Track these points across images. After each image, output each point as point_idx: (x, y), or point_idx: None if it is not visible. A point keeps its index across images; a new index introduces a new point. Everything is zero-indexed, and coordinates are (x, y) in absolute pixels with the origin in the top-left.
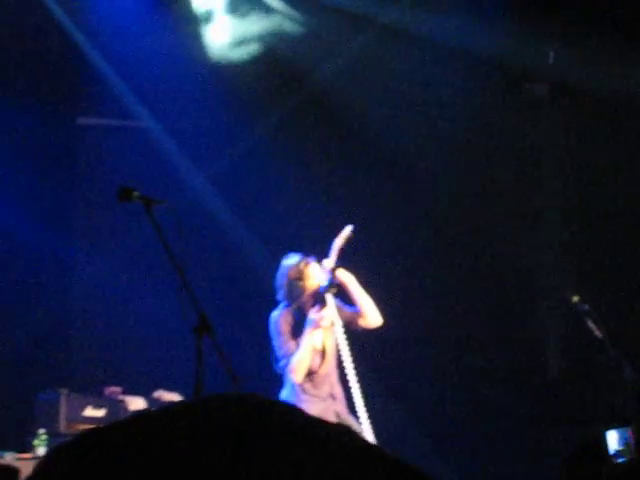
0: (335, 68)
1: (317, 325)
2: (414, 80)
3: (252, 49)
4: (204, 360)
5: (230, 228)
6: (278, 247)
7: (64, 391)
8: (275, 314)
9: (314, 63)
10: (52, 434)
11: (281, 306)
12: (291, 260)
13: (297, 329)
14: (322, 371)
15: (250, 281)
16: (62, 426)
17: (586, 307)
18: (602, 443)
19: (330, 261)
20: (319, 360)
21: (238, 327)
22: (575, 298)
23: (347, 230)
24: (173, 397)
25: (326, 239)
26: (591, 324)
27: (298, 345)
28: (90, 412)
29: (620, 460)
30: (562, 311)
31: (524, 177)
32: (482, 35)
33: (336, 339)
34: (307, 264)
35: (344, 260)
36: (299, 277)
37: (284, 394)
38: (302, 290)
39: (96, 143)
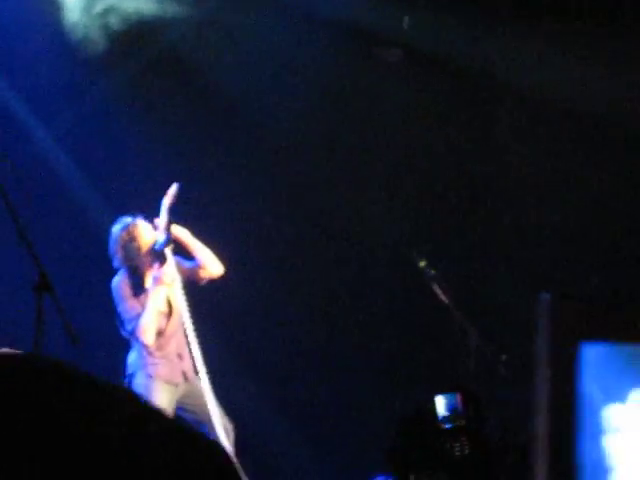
0: (187, 28)
1: (160, 281)
2: (266, 44)
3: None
4: (45, 320)
5: (75, 187)
6: (124, 208)
7: None
8: (116, 280)
9: (165, 22)
10: None
11: (120, 272)
12: (119, 224)
13: (139, 292)
14: (168, 330)
15: (94, 241)
16: None
17: (432, 272)
18: (431, 408)
19: (162, 219)
20: (164, 319)
21: (81, 288)
22: (422, 263)
23: (173, 188)
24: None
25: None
26: (437, 289)
27: (143, 306)
28: None
29: (447, 426)
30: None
31: (376, 143)
32: None
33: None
34: (135, 225)
35: (177, 217)
36: (131, 239)
37: (131, 358)
38: (137, 251)
39: None
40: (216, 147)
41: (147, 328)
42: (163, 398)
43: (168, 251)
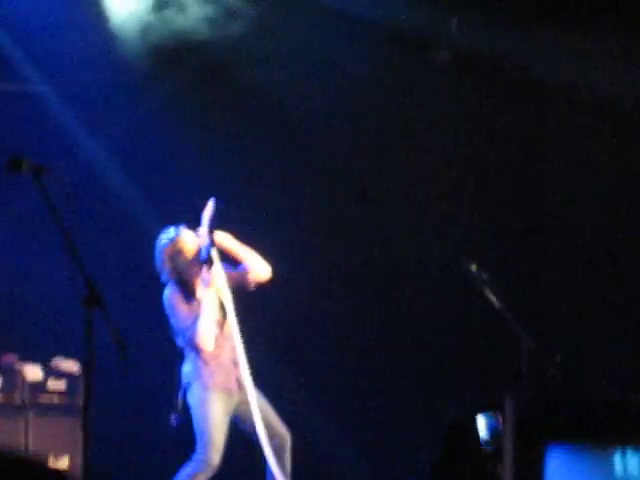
0: (234, 36)
1: (209, 284)
2: (314, 50)
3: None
4: (100, 329)
5: (125, 198)
6: (173, 217)
7: None
8: (166, 292)
9: (212, 31)
10: None
11: (169, 285)
12: (163, 237)
13: (191, 302)
14: (223, 337)
15: (146, 252)
16: None
17: (485, 276)
18: (472, 428)
19: (203, 228)
20: (219, 326)
21: (133, 300)
22: (473, 267)
23: (210, 204)
24: (70, 365)
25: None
26: (489, 293)
27: (197, 315)
28: None
29: (489, 448)
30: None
31: (425, 146)
32: (383, 2)
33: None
34: (179, 236)
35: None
36: (177, 250)
37: (186, 368)
38: (184, 261)
39: None
40: (262, 154)
41: (205, 334)
42: (219, 408)
43: (214, 256)
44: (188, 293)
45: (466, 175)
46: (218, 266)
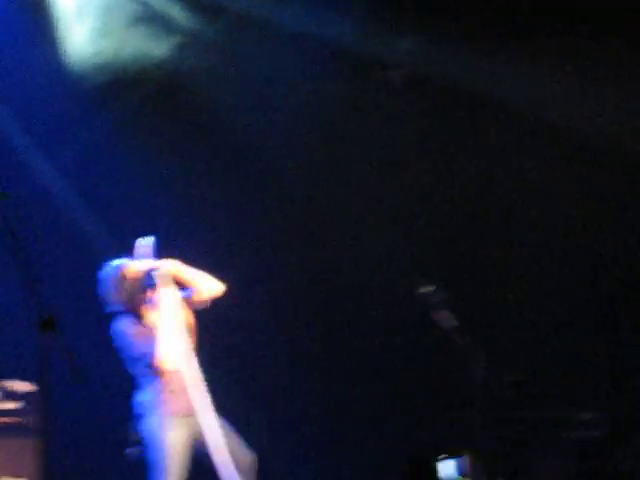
0: (186, 57)
1: (156, 306)
2: (266, 70)
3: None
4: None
5: (79, 221)
6: (129, 240)
7: None
8: (118, 324)
9: (165, 53)
10: None
11: (119, 317)
12: (108, 268)
13: (142, 328)
14: (180, 357)
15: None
16: None
17: (440, 297)
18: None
19: (146, 260)
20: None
21: (89, 325)
22: (429, 288)
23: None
24: (25, 386)
25: (178, 230)
26: (443, 314)
27: (151, 339)
28: None
29: None
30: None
31: (378, 166)
32: (334, 22)
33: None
34: (124, 265)
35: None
36: (122, 278)
37: (141, 398)
38: (131, 288)
39: None
40: (212, 171)
41: (165, 354)
42: (178, 436)
43: (161, 277)
44: (139, 320)
45: (421, 193)
46: (167, 288)
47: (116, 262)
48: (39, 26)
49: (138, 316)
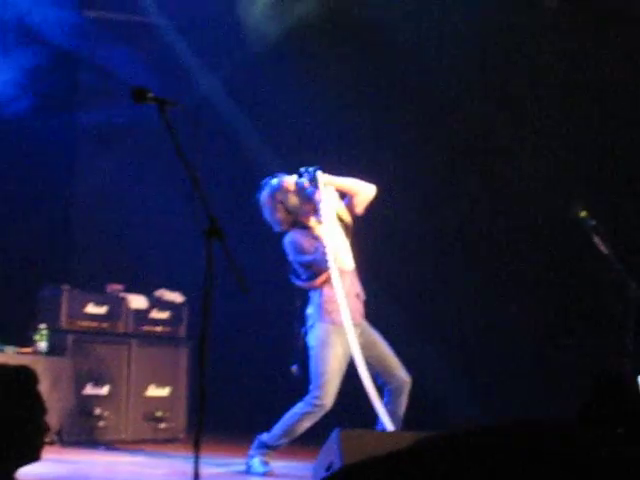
0: None
1: (321, 221)
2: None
3: None
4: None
5: (243, 133)
6: (290, 154)
7: (66, 287)
8: (287, 237)
9: None
10: (53, 329)
11: (287, 233)
12: (266, 189)
13: (311, 241)
14: (347, 267)
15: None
16: (63, 322)
17: (593, 222)
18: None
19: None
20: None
21: (247, 233)
22: (583, 213)
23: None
24: (174, 297)
25: (339, 148)
26: (597, 240)
27: (323, 246)
28: (91, 309)
29: None
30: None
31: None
32: None
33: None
34: (281, 182)
35: None
36: (284, 195)
37: (310, 309)
38: (294, 204)
39: (102, 37)
40: (377, 100)
41: (332, 259)
42: (341, 350)
43: (321, 190)
44: (307, 233)
45: (574, 123)
46: (326, 199)
47: (274, 181)
48: None
49: (306, 229)
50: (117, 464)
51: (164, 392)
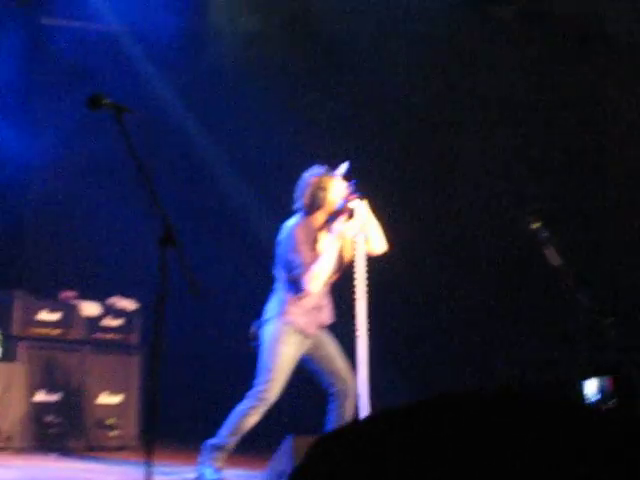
0: None
1: (341, 235)
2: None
3: None
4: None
5: (198, 141)
6: (244, 163)
7: (19, 293)
8: (292, 222)
9: None
10: (5, 335)
11: (298, 215)
12: (315, 170)
13: (311, 240)
14: (328, 281)
15: (216, 197)
16: (16, 328)
17: (547, 234)
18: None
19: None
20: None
21: (202, 238)
22: (536, 224)
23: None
24: (127, 304)
25: (301, 159)
26: (550, 251)
27: (314, 255)
28: (44, 316)
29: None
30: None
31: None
32: None
33: (352, 252)
34: (331, 177)
35: None
36: (323, 188)
37: (271, 304)
38: (323, 201)
39: (60, 44)
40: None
41: (319, 276)
42: (293, 349)
43: (360, 205)
44: (312, 232)
45: (529, 131)
46: (358, 219)
47: (323, 170)
48: None
49: (314, 228)
50: (69, 470)
51: (116, 399)
